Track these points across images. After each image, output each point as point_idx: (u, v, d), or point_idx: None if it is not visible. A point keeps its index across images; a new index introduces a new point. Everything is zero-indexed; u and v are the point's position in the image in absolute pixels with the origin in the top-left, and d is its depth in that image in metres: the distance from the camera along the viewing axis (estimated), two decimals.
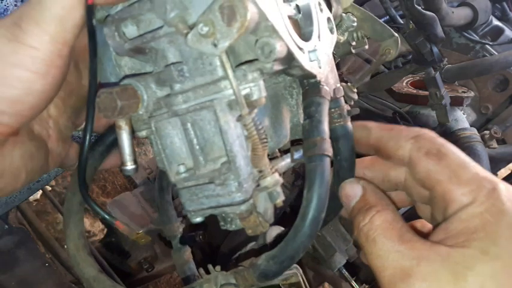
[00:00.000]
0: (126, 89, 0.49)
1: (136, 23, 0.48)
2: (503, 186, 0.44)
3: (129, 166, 0.54)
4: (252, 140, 0.46)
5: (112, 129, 0.61)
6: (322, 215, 0.46)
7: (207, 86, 0.46)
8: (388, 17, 1.57)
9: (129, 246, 1.90)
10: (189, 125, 0.49)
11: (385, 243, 0.44)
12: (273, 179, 0.47)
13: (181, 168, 0.51)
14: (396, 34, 0.74)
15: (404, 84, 1.57)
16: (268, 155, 0.50)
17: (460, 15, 1.51)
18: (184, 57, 0.47)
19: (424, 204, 0.53)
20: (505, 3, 1.74)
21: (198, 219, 0.52)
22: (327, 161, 0.47)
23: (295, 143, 0.58)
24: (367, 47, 0.72)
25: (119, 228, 0.56)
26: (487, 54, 1.62)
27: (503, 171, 1.58)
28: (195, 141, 0.49)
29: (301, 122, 0.55)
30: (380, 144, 0.53)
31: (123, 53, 0.50)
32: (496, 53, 1.61)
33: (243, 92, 0.45)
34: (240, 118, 0.45)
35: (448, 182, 0.46)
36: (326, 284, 1.62)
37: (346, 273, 1.51)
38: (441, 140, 0.49)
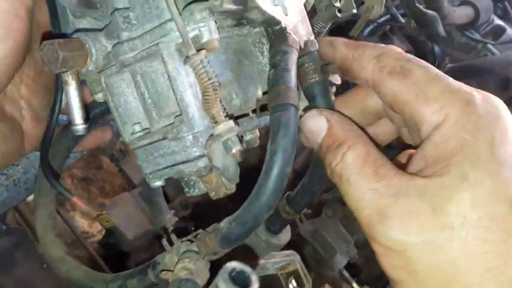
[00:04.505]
0: (71, 40, 0.47)
1: None
2: (479, 96, 0.39)
3: (79, 125, 0.52)
4: (202, 83, 0.43)
5: (90, 106, 0.59)
6: (288, 169, 0.41)
7: (153, 31, 0.44)
8: (389, 15, 1.56)
9: (128, 247, 1.88)
10: (138, 76, 0.47)
11: (360, 183, 0.40)
12: (227, 126, 0.43)
13: (137, 128, 0.49)
14: None
15: None
16: (233, 116, 0.47)
17: (461, 14, 1.51)
18: (131, 3, 0.45)
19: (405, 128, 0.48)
20: (506, 2, 1.73)
21: (158, 183, 0.50)
22: (292, 110, 0.42)
23: None
24: (355, 10, 0.66)
25: (77, 206, 0.55)
26: (488, 54, 1.61)
27: None
28: (146, 94, 0.47)
29: None
30: (345, 65, 0.47)
31: (74, 9, 0.48)
32: (498, 53, 1.60)
33: (192, 34, 0.43)
34: (187, 60, 0.42)
35: (415, 101, 0.40)
36: (327, 285, 1.61)
37: (347, 274, 1.50)
38: (407, 56, 0.44)
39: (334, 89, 0.55)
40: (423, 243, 0.37)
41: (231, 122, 0.43)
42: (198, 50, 0.42)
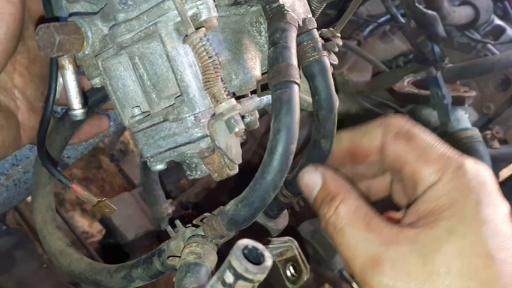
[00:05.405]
0: (66, 24, 0.46)
1: None
2: (469, 163, 0.45)
3: (77, 109, 0.51)
4: (202, 62, 0.42)
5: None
6: (292, 146, 0.41)
7: (150, 11, 0.44)
8: (389, 15, 1.56)
9: (128, 247, 1.89)
10: (136, 58, 0.46)
11: (353, 233, 0.43)
12: (229, 104, 0.42)
13: (136, 111, 0.48)
14: None
15: (405, 83, 1.57)
16: (235, 95, 0.47)
17: (461, 14, 1.51)
18: None
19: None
20: (506, 2, 1.73)
21: (159, 167, 0.49)
22: (294, 87, 0.42)
23: None
24: None
25: (77, 193, 0.54)
26: (488, 54, 1.61)
27: (505, 172, 1.57)
28: (145, 76, 0.47)
29: None
30: (354, 146, 0.51)
31: None
32: (498, 53, 1.60)
33: (190, 12, 0.42)
34: (186, 39, 0.42)
35: (416, 162, 0.46)
36: (327, 285, 1.61)
37: (347, 274, 1.50)
38: (409, 124, 0.49)
39: (332, 69, 0.55)
40: None
41: (233, 101, 0.42)
42: (197, 28, 0.42)
